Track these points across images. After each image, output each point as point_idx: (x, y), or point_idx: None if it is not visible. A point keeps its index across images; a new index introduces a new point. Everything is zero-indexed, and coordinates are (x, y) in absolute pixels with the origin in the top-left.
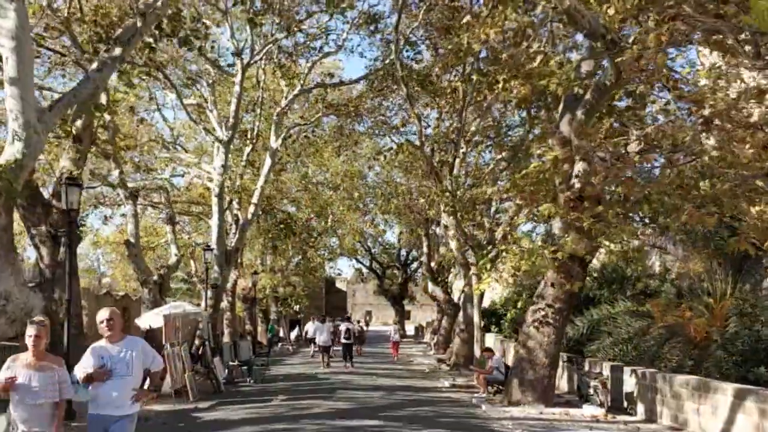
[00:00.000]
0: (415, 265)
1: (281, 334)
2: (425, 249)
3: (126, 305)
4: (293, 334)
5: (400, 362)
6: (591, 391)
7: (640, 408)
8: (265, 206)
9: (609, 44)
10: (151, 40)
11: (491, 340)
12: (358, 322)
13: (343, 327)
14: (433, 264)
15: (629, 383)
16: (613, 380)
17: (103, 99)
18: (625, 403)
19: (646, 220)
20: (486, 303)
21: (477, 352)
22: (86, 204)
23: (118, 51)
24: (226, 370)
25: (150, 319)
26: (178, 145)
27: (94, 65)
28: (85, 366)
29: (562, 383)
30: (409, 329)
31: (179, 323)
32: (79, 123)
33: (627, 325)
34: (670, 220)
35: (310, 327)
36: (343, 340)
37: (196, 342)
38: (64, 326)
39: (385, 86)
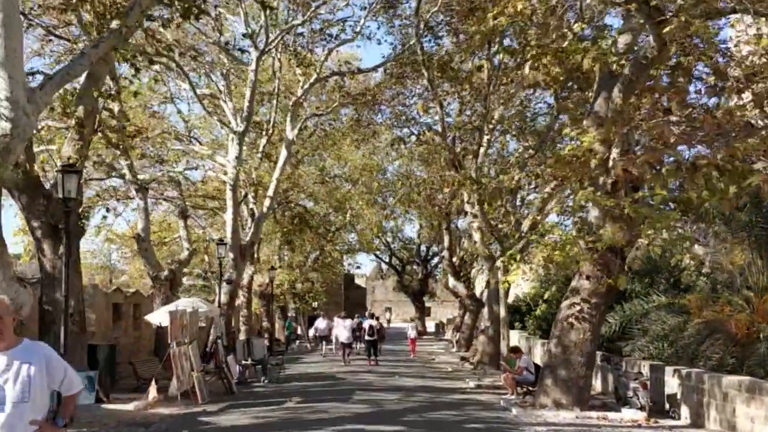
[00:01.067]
0: (435, 260)
1: (299, 331)
2: (446, 243)
3: (137, 302)
4: (312, 332)
5: (421, 360)
6: (630, 392)
7: (685, 411)
8: (281, 199)
9: (651, 12)
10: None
11: (515, 337)
12: (377, 318)
13: (366, 324)
14: (454, 259)
15: (671, 384)
16: (652, 381)
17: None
18: (667, 406)
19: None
20: (509, 299)
21: (503, 350)
22: (97, 197)
23: (115, 24)
24: (239, 369)
25: (161, 316)
26: (193, 137)
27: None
28: None
29: (596, 384)
30: (430, 326)
31: (186, 320)
32: (81, 109)
33: (662, 321)
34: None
35: (320, 324)
36: (366, 338)
37: (211, 339)
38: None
39: (403, 71)
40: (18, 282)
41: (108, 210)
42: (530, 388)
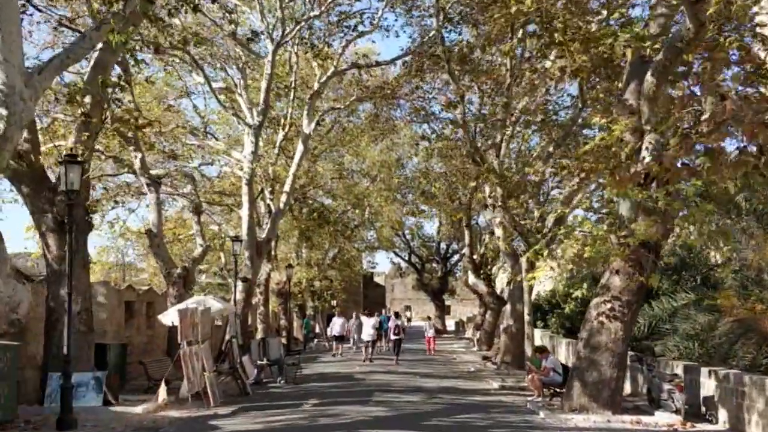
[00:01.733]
0: (455, 258)
1: (317, 329)
2: (467, 240)
3: (151, 300)
4: (329, 331)
5: (442, 360)
6: (664, 395)
7: (723, 415)
8: (297, 195)
9: None
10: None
11: (538, 336)
12: (398, 315)
13: (392, 323)
14: (475, 256)
15: (707, 386)
16: (686, 382)
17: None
18: (703, 409)
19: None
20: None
21: (527, 349)
22: (105, 191)
23: (119, 5)
24: (256, 370)
25: (172, 315)
26: (209, 133)
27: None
28: None
29: (626, 385)
30: (450, 324)
31: (197, 319)
32: (88, 99)
33: (693, 320)
34: None
35: (336, 322)
36: (392, 336)
37: (227, 338)
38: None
39: (422, 62)
40: (16, 278)
41: (116, 202)
42: (557, 390)
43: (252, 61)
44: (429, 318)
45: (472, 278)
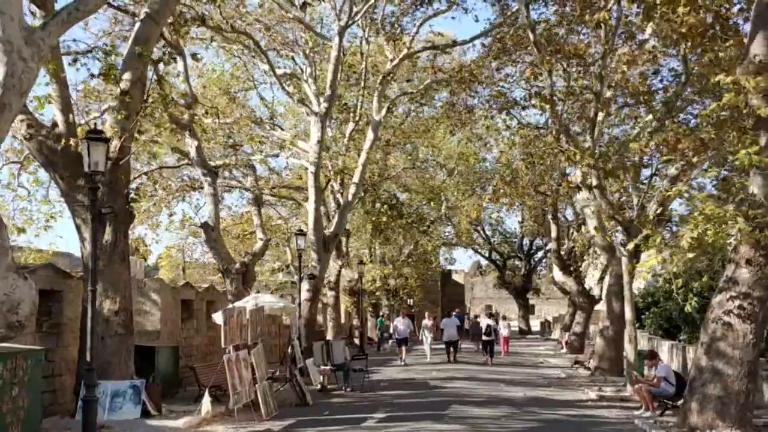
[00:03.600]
0: (539, 254)
1: (391, 330)
2: (553, 234)
3: (212, 299)
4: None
5: (527, 364)
6: None
7: None
8: (366, 186)
9: None
10: None
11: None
12: (477, 316)
13: (483, 324)
14: (562, 251)
15: None
16: None
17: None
18: None
19: None
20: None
21: (630, 354)
22: (144, 178)
23: None
24: (322, 376)
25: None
26: (275, 124)
27: None
28: None
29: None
30: (534, 325)
31: (247, 320)
32: (127, 75)
33: None
34: None
35: (399, 323)
36: (484, 337)
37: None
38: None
39: (506, 42)
40: (17, 273)
41: (151, 179)
42: (669, 403)
43: (320, 47)
44: (505, 317)
45: (558, 275)
